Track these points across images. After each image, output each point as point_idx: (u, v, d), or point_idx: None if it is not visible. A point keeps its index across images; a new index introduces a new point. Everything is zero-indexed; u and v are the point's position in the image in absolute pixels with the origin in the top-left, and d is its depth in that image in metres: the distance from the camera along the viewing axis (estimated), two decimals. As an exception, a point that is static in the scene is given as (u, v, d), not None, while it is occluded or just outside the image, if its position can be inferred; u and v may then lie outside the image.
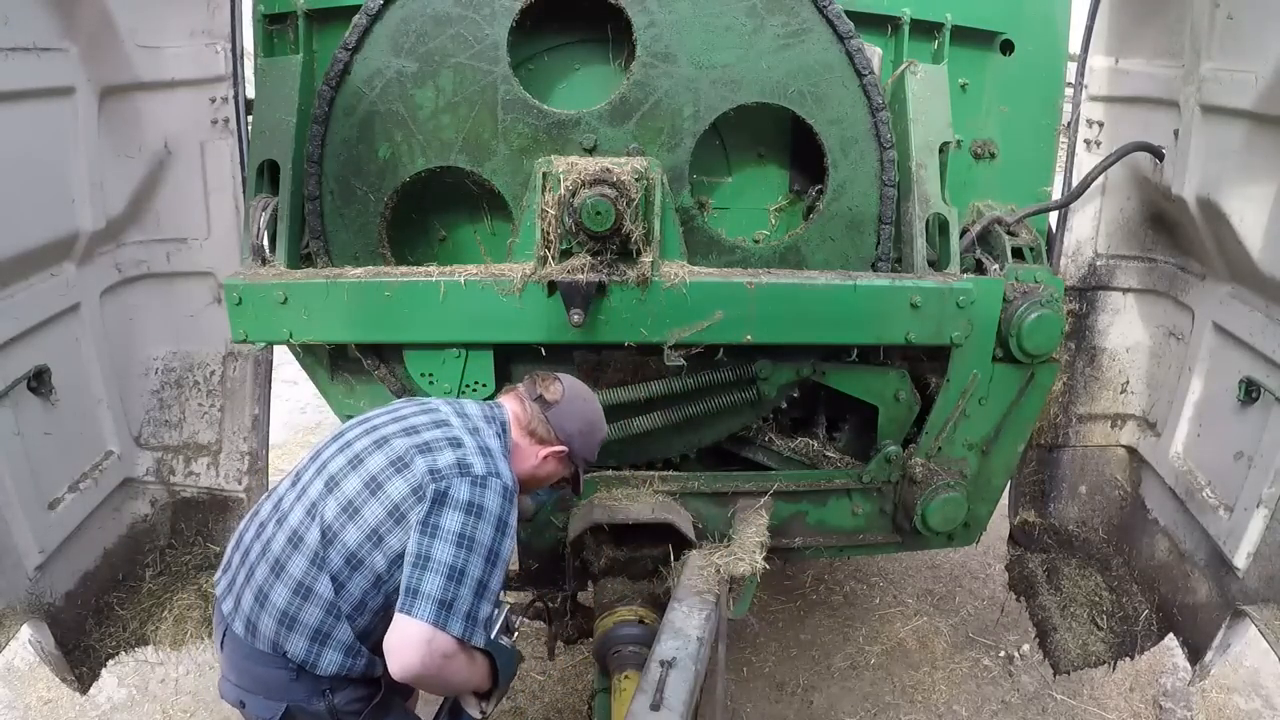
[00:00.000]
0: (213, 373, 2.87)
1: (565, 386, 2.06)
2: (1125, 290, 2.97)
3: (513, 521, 1.81)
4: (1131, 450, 3.06)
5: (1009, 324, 2.50)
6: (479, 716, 1.99)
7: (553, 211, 2.20)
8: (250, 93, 2.63)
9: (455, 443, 1.83)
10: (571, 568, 2.65)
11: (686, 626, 2.21)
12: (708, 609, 2.28)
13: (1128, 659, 2.92)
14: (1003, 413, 2.67)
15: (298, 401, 6.33)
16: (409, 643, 1.66)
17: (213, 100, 2.64)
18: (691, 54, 2.35)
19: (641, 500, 2.59)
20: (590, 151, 2.39)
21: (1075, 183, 2.76)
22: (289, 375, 5.82)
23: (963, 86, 2.68)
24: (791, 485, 2.69)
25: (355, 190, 2.45)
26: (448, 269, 2.36)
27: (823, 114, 2.42)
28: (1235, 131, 2.30)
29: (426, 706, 2.24)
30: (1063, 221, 2.91)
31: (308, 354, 2.65)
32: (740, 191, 2.70)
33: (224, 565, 1.95)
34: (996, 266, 2.60)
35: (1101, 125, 2.84)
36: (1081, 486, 3.15)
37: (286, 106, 2.41)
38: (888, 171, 2.45)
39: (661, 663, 2.07)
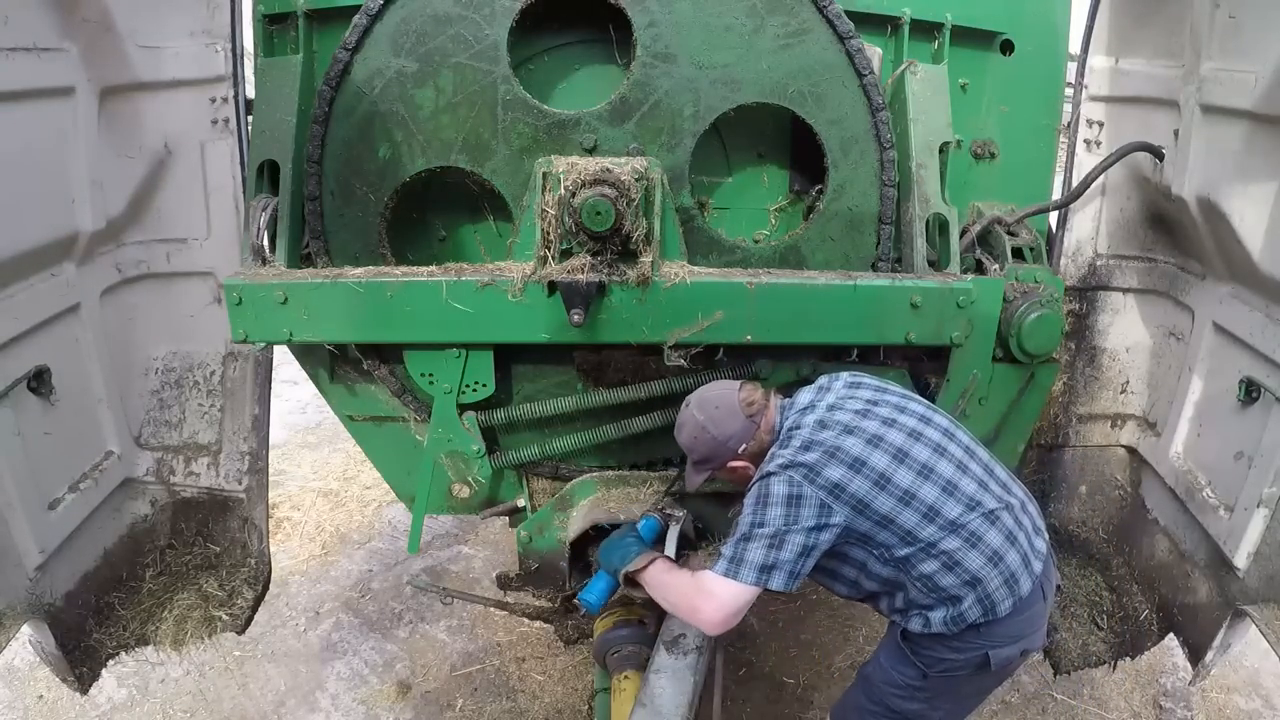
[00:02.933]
0: (213, 373, 2.87)
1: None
2: (1125, 290, 2.97)
3: None
4: (1131, 450, 3.06)
5: (1009, 324, 2.50)
6: None
7: (553, 211, 2.19)
8: (250, 93, 2.63)
9: None
10: (572, 568, 2.65)
11: (685, 635, 2.21)
12: None
13: (1128, 659, 2.92)
14: (1003, 413, 2.67)
15: (298, 401, 6.33)
16: None
17: (213, 100, 2.64)
18: (691, 54, 2.35)
19: (641, 500, 2.59)
20: (590, 151, 2.39)
21: (1075, 183, 2.76)
22: (289, 375, 5.82)
23: (963, 86, 2.68)
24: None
25: (355, 190, 2.45)
26: (448, 269, 2.36)
27: (823, 114, 2.42)
28: (1235, 131, 2.30)
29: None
30: (1063, 221, 2.91)
31: (308, 354, 2.65)
32: (740, 191, 2.70)
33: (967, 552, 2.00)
34: (996, 266, 2.60)
35: (1101, 125, 2.84)
36: (1081, 486, 3.15)
37: (286, 106, 2.41)
38: (888, 171, 2.45)
39: (659, 673, 2.07)
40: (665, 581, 2.13)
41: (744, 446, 2.13)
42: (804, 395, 2.19)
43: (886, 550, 2.00)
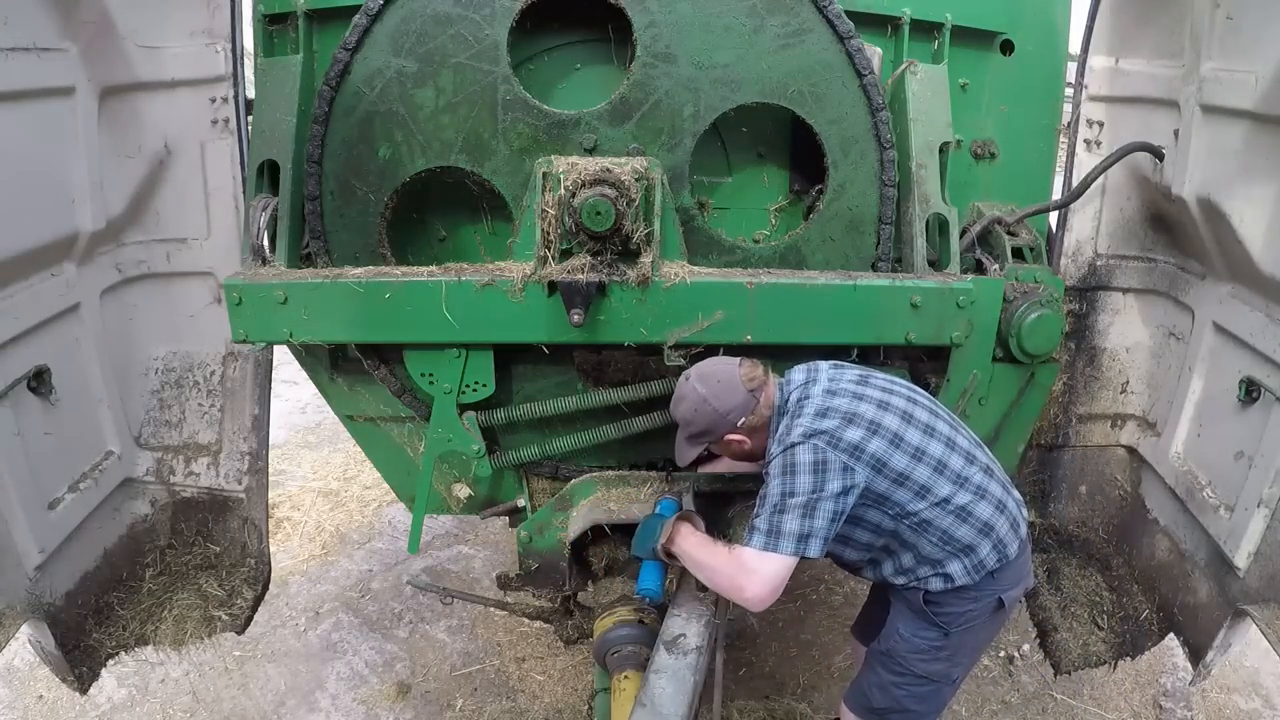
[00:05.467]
0: (213, 373, 2.87)
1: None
2: (1125, 290, 2.97)
3: None
4: (1131, 450, 3.06)
5: (1009, 324, 2.50)
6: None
7: (553, 211, 2.20)
8: (250, 93, 2.63)
9: None
10: (572, 568, 2.65)
11: (685, 635, 2.21)
12: (706, 615, 2.28)
13: (1128, 659, 2.92)
14: (1003, 413, 2.67)
15: (298, 401, 6.33)
16: None
17: (213, 100, 2.64)
18: (691, 54, 2.35)
19: (641, 500, 2.59)
20: (590, 151, 2.39)
21: (1075, 183, 2.76)
22: (289, 375, 5.83)
23: (963, 86, 2.68)
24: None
25: (355, 190, 2.45)
26: (448, 269, 2.36)
27: (823, 114, 2.42)
28: (1235, 131, 2.30)
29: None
30: (1063, 221, 2.91)
31: (308, 354, 2.65)
32: (740, 191, 2.70)
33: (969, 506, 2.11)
34: (996, 266, 2.60)
35: (1101, 125, 2.84)
36: (1081, 486, 3.15)
37: (286, 106, 2.41)
38: (888, 171, 2.45)
39: (659, 673, 2.07)
40: (702, 560, 2.14)
41: (743, 420, 2.18)
42: (798, 374, 2.25)
43: (900, 508, 2.08)
